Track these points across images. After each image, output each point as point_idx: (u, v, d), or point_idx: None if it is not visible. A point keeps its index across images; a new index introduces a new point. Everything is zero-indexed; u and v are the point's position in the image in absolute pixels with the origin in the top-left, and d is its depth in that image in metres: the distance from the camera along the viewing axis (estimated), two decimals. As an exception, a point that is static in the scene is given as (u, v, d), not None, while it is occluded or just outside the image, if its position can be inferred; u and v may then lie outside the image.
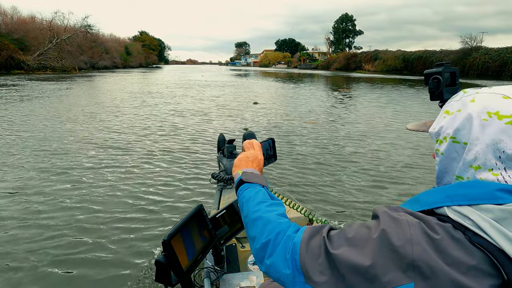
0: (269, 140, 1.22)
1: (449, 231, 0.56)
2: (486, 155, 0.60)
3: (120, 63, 63.87)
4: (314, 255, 0.64)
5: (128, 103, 13.17)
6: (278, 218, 0.78)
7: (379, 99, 16.04)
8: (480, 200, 0.57)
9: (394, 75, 48.25)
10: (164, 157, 5.83)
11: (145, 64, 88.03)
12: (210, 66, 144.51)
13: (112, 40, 70.75)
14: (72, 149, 6.21)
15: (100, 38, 60.73)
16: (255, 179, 0.92)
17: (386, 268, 0.56)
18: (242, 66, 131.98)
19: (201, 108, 12.28)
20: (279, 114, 10.81)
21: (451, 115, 0.66)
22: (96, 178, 4.71)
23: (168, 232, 1.04)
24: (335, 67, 77.39)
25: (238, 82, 29.51)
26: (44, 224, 3.39)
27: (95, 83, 24.42)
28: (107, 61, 56.22)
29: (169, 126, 8.66)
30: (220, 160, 2.62)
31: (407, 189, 4.51)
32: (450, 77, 0.78)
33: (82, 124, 8.58)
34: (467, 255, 0.54)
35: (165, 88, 20.58)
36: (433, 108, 11.13)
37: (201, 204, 1.27)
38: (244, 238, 1.83)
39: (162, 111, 11.16)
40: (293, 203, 1.41)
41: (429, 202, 0.64)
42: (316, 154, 6.23)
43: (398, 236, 0.57)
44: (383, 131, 8.37)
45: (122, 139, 7.12)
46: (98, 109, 11.25)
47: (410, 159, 5.91)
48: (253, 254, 0.78)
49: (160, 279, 1.04)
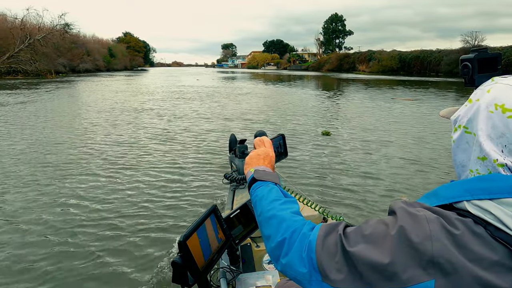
0: (279, 136, 1.24)
1: (469, 226, 0.55)
2: (490, 147, 0.59)
3: (103, 65, 60.61)
4: (331, 253, 0.63)
5: (108, 138, 7.60)
6: (292, 216, 0.76)
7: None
8: (501, 194, 0.54)
9: (391, 75, 46.94)
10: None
11: (130, 67, 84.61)
12: (197, 68, 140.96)
13: (95, 42, 67.42)
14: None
15: (81, 39, 57.52)
16: (267, 177, 0.90)
17: (405, 266, 0.54)
18: (229, 68, 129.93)
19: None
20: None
21: (471, 103, 0.65)
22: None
23: (184, 233, 1.02)
24: (327, 68, 76.16)
25: (250, 87, 25.66)
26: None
27: (69, 92, 19.85)
28: (89, 63, 52.82)
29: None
30: (232, 160, 2.60)
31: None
32: (487, 63, 0.73)
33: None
34: (489, 251, 0.52)
35: (160, 101, 15.20)
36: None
37: (215, 204, 1.25)
38: (259, 237, 1.82)
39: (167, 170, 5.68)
40: (307, 200, 1.54)
41: (447, 196, 0.61)
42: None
43: (417, 232, 0.55)
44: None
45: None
46: (55, 151, 6.40)
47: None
48: (269, 253, 0.77)
49: (177, 280, 1.02)
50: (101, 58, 60.87)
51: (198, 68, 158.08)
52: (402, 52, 58.80)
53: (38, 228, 3.41)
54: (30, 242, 3.15)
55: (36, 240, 3.19)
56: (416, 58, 54.34)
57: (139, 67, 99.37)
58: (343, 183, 4.67)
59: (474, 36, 45.03)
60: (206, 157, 6.01)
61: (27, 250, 3.02)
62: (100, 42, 71.73)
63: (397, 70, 55.57)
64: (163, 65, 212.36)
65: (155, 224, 3.49)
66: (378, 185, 4.62)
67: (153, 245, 3.10)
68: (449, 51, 48.08)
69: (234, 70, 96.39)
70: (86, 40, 61.24)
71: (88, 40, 63.18)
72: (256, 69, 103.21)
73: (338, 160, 5.83)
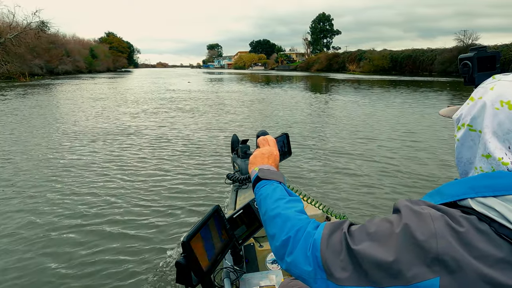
0: (283, 135, 1.23)
1: (474, 224, 0.54)
2: (496, 145, 0.59)
3: (84, 67, 57.35)
4: (336, 251, 0.63)
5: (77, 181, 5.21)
6: (297, 215, 0.77)
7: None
8: (505, 191, 0.54)
9: (383, 75, 46.21)
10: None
11: (113, 68, 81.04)
12: (182, 69, 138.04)
13: (75, 42, 64.01)
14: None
15: (60, 39, 54.21)
16: (272, 176, 0.90)
17: (410, 263, 0.55)
18: (215, 69, 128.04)
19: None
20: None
21: (473, 101, 0.65)
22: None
23: (187, 233, 1.02)
24: (316, 68, 75.26)
25: (254, 90, 23.08)
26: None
27: (38, 100, 15.52)
28: (68, 65, 49.50)
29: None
30: (234, 161, 2.54)
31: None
32: (486, 62, 0.74)
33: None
34: (494, 248, 0.52)
35: (153, 115, 11.19)
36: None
37: (218, 205, 1.24)
38: (262, 237, 1.82)
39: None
40: (311, 199, 1.58)
41: (452, 194, 0.61)
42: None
43: (422, 230, 0.55)
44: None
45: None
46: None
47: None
48: (273, 252, 0.77)
49: (180, 280, 1.02)
50: (82, 59, 57.51)
51: (184, 69, 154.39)
52: (393, 52, 58.10)
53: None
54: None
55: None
56: (408, 58, 53.60)
57: (123, 68, 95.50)
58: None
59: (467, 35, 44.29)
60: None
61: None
62: (81, 42, 68.37)
63: (389, 70, 54.92)
64: (148, 66, 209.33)
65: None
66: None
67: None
68: (442, 50, 47.31)
69: (221, 71, 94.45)
70: (66, 40, 57.85)
71: (68, 40, 59.83)
72: (244, 70, 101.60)
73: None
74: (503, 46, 38.93)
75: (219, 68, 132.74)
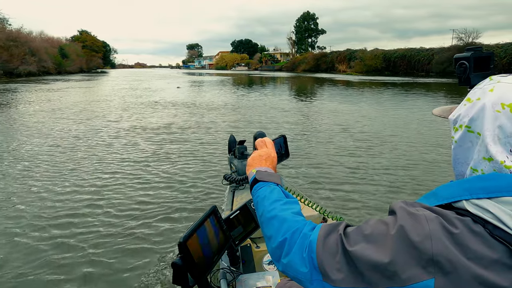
0: (281, 137, 1.24)
1: (468, 225, 0.55)
2: (497, 148, 0.58)
3: (52, 68, 51.64)
4: (331, 253, 0.63)
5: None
6: (294, 217, 0.77)
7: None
8: (499, 193, 0.54)
9: (377, 76, 44.18)
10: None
11: (87, 69, 74.74)
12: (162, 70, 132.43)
13: (42, 40, 58.30)
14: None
15: (24, 36, 48.51)
16: (269, 178, 0.90)
17: (405, 265, 0.55)
18: (196, 69, 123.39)
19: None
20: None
21: (471, 103, 0.64)
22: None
23: (184, 234, 1.02)
24: (303, 68, 72.13)
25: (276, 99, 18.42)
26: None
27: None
28: (33, 65, 43.95)
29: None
30: (231, 161, 2.49)
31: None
32: (481, 62, 0.73)
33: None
34: (488, 249, 0.52)
35: (147, 166, 5.51)
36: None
37: (215, 205, 1.24)
38: (258, 238, 1.82)
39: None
40: (308, 200, 1.56)
41: (446, 196, 0.61)
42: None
43: (417, 231, 0.55)
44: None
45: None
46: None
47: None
48: (270, 253, 0.77)
49: (177, 281, 1.02)
50: (50, 59, 51.71)
51: (163, 69, 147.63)
52: (386, 51, 55.59)
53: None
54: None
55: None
56: (402, 57, 51.12)
57: (98, 68, 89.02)
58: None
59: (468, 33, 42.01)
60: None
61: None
62: (49, 40, 62.73)
63: (382, 70, 52.42)
64: (125, 66, 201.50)
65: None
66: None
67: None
68: (440, 49, 44.85)
69: (202, 72, 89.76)
70: (30, 37, 52.01)
71: (34, 38, 54.09)
72: (226, 70, 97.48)
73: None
74: (507, 45, 36.88)
75: (200, 69, 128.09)
